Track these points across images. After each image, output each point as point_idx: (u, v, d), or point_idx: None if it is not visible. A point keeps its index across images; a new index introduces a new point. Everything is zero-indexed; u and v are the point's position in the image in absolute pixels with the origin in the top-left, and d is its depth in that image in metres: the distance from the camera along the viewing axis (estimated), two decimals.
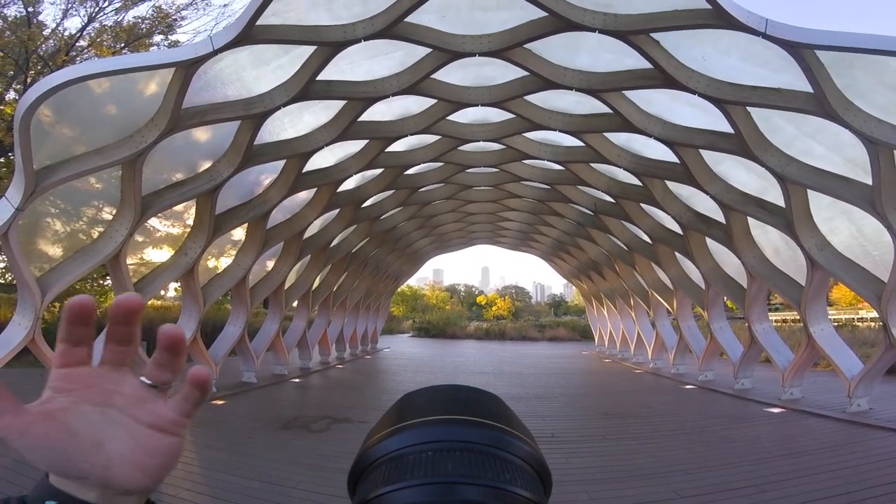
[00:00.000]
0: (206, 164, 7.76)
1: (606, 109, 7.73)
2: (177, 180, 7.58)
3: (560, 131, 8.71)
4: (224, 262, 10.58)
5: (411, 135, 8.96)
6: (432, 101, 8.36)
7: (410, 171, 11.21)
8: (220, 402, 8.69)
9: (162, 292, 17.96)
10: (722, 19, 5.20)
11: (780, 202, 7.38)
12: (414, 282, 57.42)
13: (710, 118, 7.15)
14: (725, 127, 6.98)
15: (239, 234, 10.20)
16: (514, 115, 8.60)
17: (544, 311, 55.36)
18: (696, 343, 12.27)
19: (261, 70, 6.57)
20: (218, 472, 5.24)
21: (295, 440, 6.58)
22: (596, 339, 22.69)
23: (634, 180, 9.80)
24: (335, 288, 15.07)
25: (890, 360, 7.12)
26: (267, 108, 6.77)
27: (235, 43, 5.23)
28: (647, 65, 6.32)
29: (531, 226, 17.14)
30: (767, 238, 8.71)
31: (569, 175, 10.81)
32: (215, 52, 5.25)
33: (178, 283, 10.31)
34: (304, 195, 10.51)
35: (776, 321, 22.10)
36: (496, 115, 8.94)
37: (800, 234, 7.20)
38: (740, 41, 5.68)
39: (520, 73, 7.35)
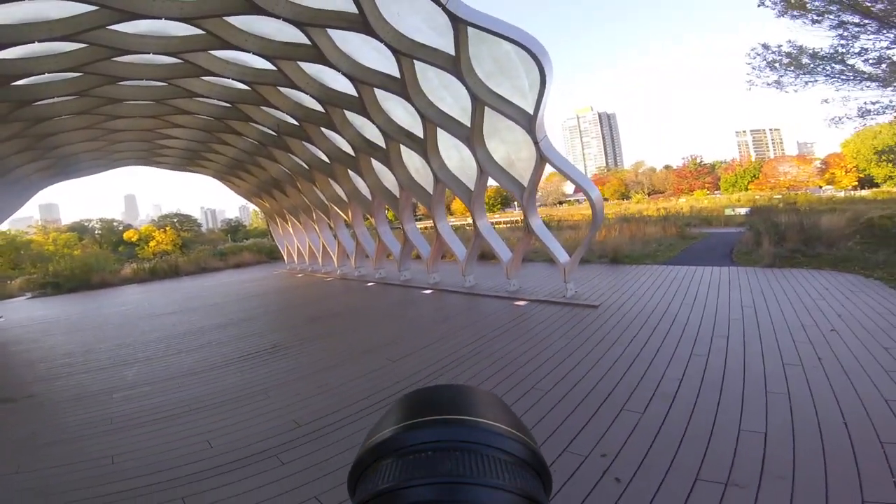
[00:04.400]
0: None
1: (305, 40, 7.94)
2: None
3: (256, 54, 8.31)
4: None
5: (49, 73, 6.50)
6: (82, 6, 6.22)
7: (21, 82, 7.95)
8: None
9: None
10: None
11: (421, 134, 9.94)
12: (7, 225, 39.99)
13: (386, 63, 8.57)
14: (395, 72, 8.61)
15: None
16: (203, 32, 7.46)
17: (221, 239, 50.39)
18: (369, 247, 15.19)
19: None
20: None
21: None
22: (285, 257, 23.56)
23: (319, 107, 10.65)
24: None
25: (527, 244, 9.73)
26: None
27: None
28: (354, 9, 6.93)
29: (203, 144, 15.34)
30: (412, 160, 11.49)
31: (254, 96, 10.45)
32: None
33: None
34: None
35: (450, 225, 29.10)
36: (178, 28, 7.47)
37: (430, 158, 10.13)
38: (426, 5, 6.73)
39: None
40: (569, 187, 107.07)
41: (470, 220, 10.65)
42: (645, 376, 4.67)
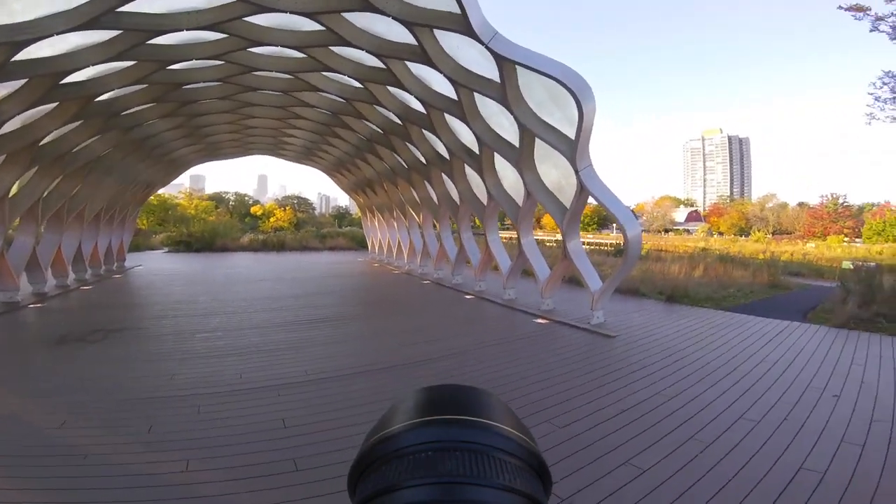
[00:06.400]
0: None
1: (385, 66, 9.45)
2: None
3: (350, 77, 10.15)
4: None
5: (197, 59, 8.75)
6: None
7: (187, 86, 10.59)
8: None
9: None
10: (466, 28, 7.22)
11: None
12: (164, 189, 48.66)
13: (450, 88, 9.67)
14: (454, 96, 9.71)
15: None
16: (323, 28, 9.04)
17: (328, 223, 55.95)
18: (432, 249, 16.46)
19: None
20: (21, 383, 5.38)
21: (79, 351, 6.83)
22: (369, 248, 26.06)
23: (399, 121, 12.23)
24: (70, 197, 12.94)
25: (566, 267, 9.86)
26: (37, 35, 6.16)
27: None
28: (416, 42, 8.17)
29: (315, 144, 17.99)
30: (474, 175, 12.35)
31: (350, 108, 12.46)
32: None
33: None
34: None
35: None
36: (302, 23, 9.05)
37: (485, 176, 11.05)
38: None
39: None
40: (679, 215, 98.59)
41: (559, 237, 11.10)
42: (589, 394, 5.13)
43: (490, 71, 8.57)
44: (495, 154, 10.64)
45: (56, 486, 3.22)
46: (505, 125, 10.05)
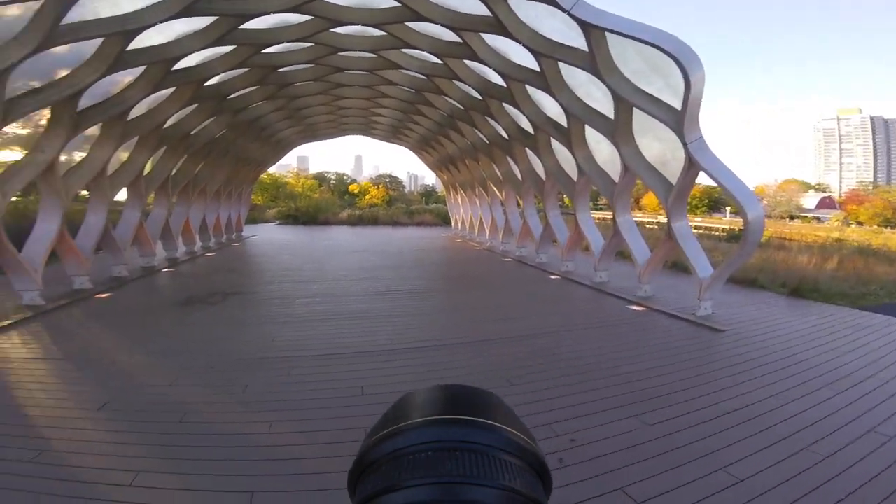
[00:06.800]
0: (61, 71, 7.46)
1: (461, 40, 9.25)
2: (31, 87, 7.21)
3: (427, 51, 10.04)
4: (77, 157, 10.06)
5: (288, 42, 9.39)
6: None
7: (283, 69, 11.38)
8: (106, 295, 8.91)
9: None
10: None
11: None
12: (275, 169, 53.43)
13: (530, 59, 9.10)
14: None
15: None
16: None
17: (417, 200, 57.77)
18: (516, 226, 16.06)
19: None
20: (149, 342, 6.02)
21: (199, 312, 7.77)
22: (453, 224, 26.38)
23: (479, 96, 11.92)
24: (194, 175, 14.77)
25: (669, 250, 8.97)
26: (143, 24, 6.99)
27: None
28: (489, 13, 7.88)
29: (401, 122, 18.46)
30: (562, 149, 11.62)
31: (431, 85, 12.42)
32: None
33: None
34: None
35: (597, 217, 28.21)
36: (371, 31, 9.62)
37: (575, 150, 10.35)
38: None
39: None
40: (808, 201, 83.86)
41: (661, 219, 10.23)
42: (687, 391, 4.63)
43: (575, 39, 7.93)
44: (586, 126, 9.90)
45: (156, 441, 3.59)
46: (596, 95, 9.26)
